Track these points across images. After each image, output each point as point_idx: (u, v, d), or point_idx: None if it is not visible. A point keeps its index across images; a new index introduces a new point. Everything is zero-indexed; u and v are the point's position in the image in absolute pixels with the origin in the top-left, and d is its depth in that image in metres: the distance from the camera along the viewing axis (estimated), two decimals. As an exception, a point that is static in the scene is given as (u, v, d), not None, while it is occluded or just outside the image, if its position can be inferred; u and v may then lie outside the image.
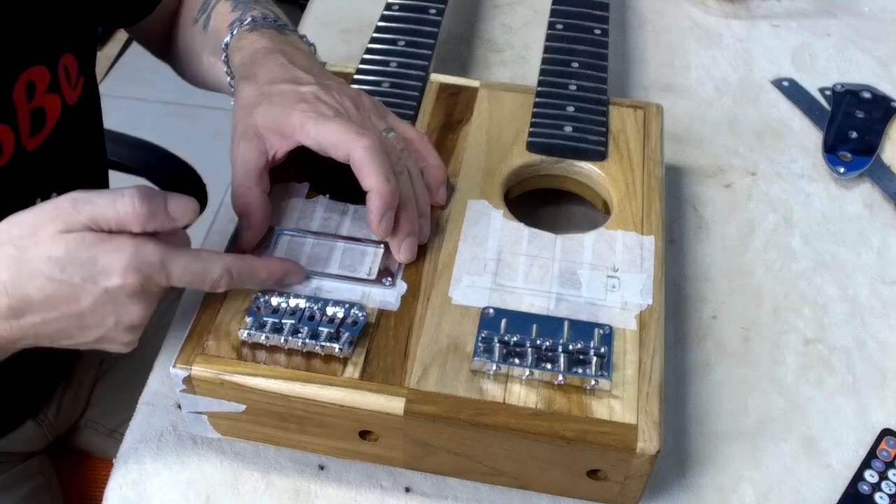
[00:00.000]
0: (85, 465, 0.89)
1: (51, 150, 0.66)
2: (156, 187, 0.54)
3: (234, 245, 0.61)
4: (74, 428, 0.89)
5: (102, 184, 0.87)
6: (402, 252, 0.59)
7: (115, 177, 1.01)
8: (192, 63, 0.78)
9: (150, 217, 0.49)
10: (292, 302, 0.56)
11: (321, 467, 0.61)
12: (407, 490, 0.60)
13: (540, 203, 0.71)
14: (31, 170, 0.64)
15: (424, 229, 0.61)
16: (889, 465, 0.62)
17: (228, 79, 0.69)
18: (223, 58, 0.68)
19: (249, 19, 0.68)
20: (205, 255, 0.53)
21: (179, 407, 0.62)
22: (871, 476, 0.61)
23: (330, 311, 0.56)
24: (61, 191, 0.68)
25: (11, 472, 0.81)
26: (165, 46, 0.82)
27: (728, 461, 0.62)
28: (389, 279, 0.59)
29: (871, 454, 0.62)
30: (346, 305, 0.56)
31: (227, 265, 0.54)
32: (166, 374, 0.65)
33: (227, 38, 0.68)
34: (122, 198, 0.49)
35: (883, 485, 0.61)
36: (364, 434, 0.56)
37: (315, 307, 0.56)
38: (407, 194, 0.59)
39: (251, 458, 0.61)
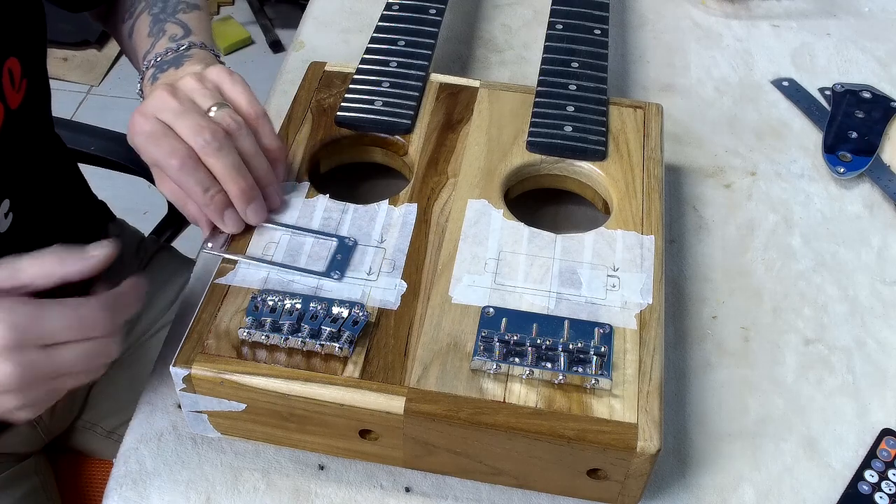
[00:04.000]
0: (83, 465, 0.89)
1: None
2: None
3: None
4: (72, 429, 0.89)
5: (70, 178, 0.87)
6: (251, 215, 0.60)
7: (115, 176, 1.01)
8: (131, 58, 0.78)
9: None
10: (291, 301, 0.56)
11: (321, 467, 0.61)
12: (407, 490, 0.60)
13: (540, 203, 0.71)
14: None
15: (273, 197, 0.62)
16: (889, 465, 0.62)
17: None
18: (139, 90, 0.69)
19: (154, 58, 0.68)
20: (80, 301, 0.52)
21: (179, 407, 0.62)
22: (871, 476, 0.61)
23: (331, 309, 0.56)
24: (16, 196, 0.68)
25: (7, 472, 0.80)
26: (118, 30, 0.81)
27: (728, 461, 0.62)
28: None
29: (871, 454, 0.62)
30: (347, 304, 0.56)
31: (99, 301, 0.53)
32: (166, 374, 0.64)
33: (140, 73, 0.69)
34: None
35: (883, 485, 0.61)
36: (364, 433, 0.56)
37: (316, 306, 0.56)
38: (233, 165, 0.59)
39: (251, 458, 0.61)
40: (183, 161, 0.57)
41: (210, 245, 0.61)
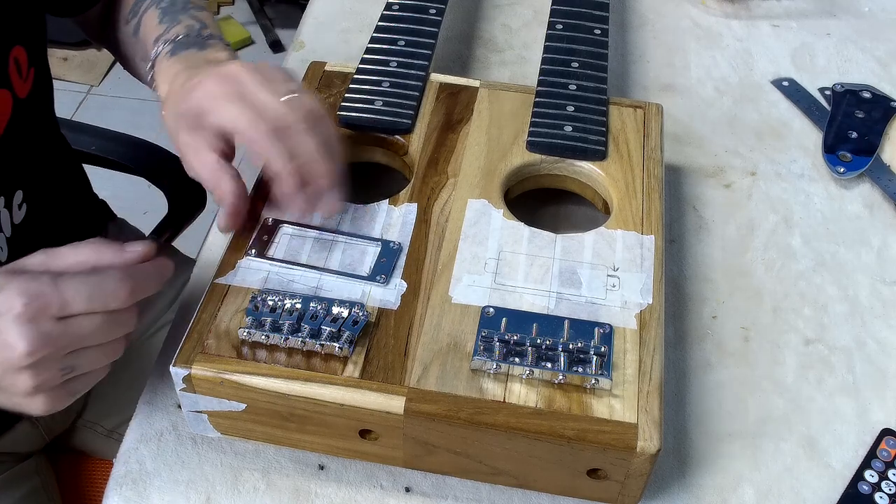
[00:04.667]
0: (83, 464, 0.89)
1: (7, 147, 0.66)
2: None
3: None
4: (72, 429, 0.89)
5: (74, 174, 0.87)
6: (328, 201, 0.59)
7: (115, 176, 1.01)
8: (128, 61, 0.78)
9: None
10: (291, 301, 0.56)
11: (321, 467, 0.61)
12: (407, 490, 0.60)
13: (540, 203, 0.71)
14: None
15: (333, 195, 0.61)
16: (889, 465, 0.62)
17: (156, 92, 0.69)
18: (150, 74, 0.69)
19: (172, 38, 0.67)
20: (101, 272, 0.51)
21: (179, 407, 0.62)
22: (871, 476, 0.61)
23: (331, 309, 0.56)
24: (28, 188, 0.68)
25: (8, 472, 0.81)
26: (103, 36, 0.81)
27: (728, 461, 0.62)
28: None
29: (871, 454, 0.62)
30: (347, 304, 0.56)
31: (119, 272, 0.51)
32: (166, 374, 0.64)
33: (154, 54, 0.68)
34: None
35: (883, 485, 0.61)
36: (364, 433, 0.56)
37: (316, 306, 0.56)
38: (325, 144, 0.58)
39: (251, 458, 0.61)
40: (271, 128, 0.56)
41: (254, 252, 0.60)
